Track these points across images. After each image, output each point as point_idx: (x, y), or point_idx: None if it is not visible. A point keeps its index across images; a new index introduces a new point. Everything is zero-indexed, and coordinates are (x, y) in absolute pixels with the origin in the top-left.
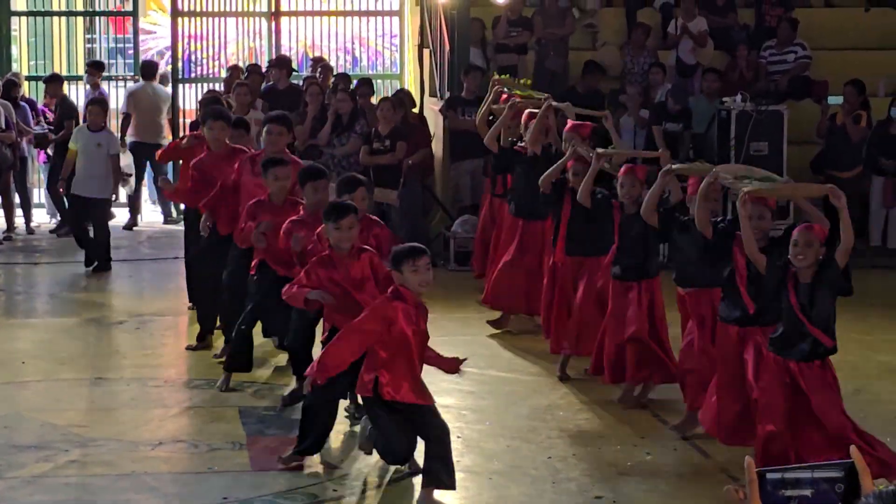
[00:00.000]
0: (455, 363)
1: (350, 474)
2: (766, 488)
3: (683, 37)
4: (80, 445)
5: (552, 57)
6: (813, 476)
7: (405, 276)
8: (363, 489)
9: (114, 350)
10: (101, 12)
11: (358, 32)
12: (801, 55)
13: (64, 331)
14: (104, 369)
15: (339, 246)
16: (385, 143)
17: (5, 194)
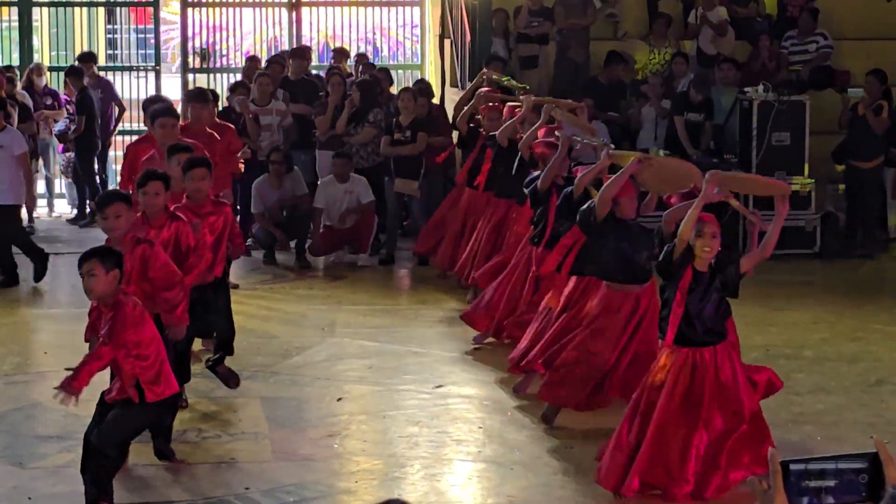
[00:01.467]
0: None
1: (366, 468)
2: (789, 479)
3: (704, 27)
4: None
5: (574, 47)
6: (837, 467)
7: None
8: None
9: None
10: (122, 2)
11: (379, 22)
12: (822, 45)
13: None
14: None
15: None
16: (406, 133)
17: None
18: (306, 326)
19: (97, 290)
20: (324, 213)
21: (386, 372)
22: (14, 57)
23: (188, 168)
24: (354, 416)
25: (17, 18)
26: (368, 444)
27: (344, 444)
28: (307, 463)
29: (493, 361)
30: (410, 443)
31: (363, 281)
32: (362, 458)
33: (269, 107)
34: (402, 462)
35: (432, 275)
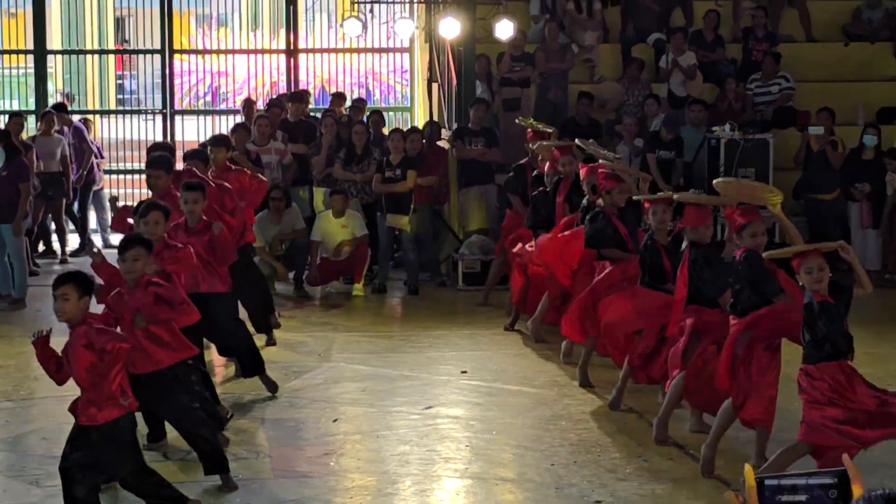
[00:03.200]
0: None
1: (361, 485)
2: (764, 494)
3: (674, 70)
4: None
5: (553, 90)
6: (808, 483)
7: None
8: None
9: None
10: (132, 50)
11: (371, 68)
12: (784, 87)
13: None
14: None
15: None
16: (396, 171)
17: (58, 221)
18: (304, 352)
19: (68, 313)
20: (320, 246)
21: (379, 394)
22: (30, 102)
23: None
24: (350, 435)
25: (32, 65)
26: (363, 462)
27: (340, 462)
28: (305, 480)
29: (481, 383)
30: (402, 461)
31: (357, 309)
32: (357, 476)
33: (268, 146)
34: (395, 479)
35: (422, 304)
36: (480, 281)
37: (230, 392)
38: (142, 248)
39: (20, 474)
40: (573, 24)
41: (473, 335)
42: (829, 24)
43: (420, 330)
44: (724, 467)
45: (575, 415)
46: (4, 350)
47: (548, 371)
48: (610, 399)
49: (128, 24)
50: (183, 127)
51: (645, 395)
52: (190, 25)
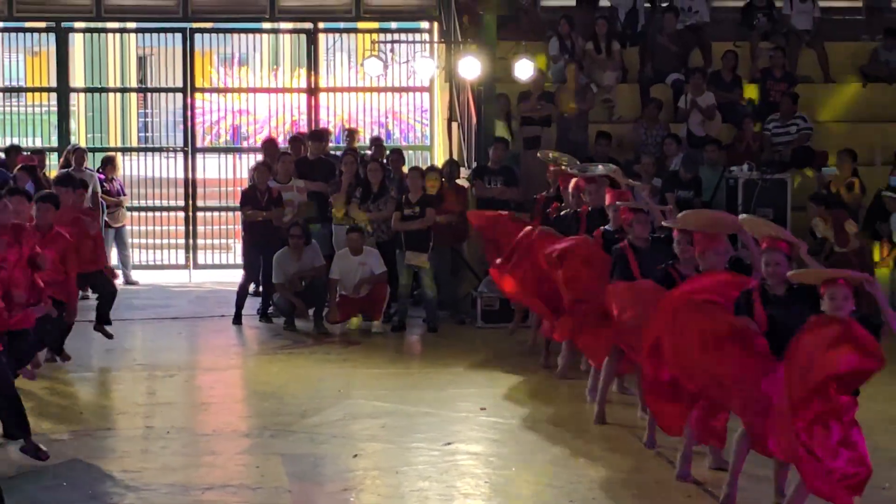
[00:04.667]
0: None
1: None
2: None
3: (693, 110)
4: (133, 491)
5: (574, 129)
6: None
7: None
8: None
9: (165, 401)
10: (154, 88)
11: (391, 106)
12: (802, 127)
13: (118, 383)
14: (155, 419)
15: None
16: (415, 209)
17: None
18: (324, 388)
19: None
20: (339, 284)
21: (398, 430)
22: (53, 140)
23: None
24: (369, 471)
25: (55, 103)
26: (382, 497)
27: (359, 497)
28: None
29: (500, 420)
30: (421, 497)
31: (376, 346)
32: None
33: (290, 184)
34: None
35: (441, 342)
36: (500, 318)
37: (248, 427)
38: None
39: None
40: (592, 65)
41: (493, 373)
42: (847, 65)
43: (439, 367)
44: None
45: (593, 452)
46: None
47: (567, 408)
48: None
49: (150, 62)
50: (204, 165)
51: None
52: (211, 64)
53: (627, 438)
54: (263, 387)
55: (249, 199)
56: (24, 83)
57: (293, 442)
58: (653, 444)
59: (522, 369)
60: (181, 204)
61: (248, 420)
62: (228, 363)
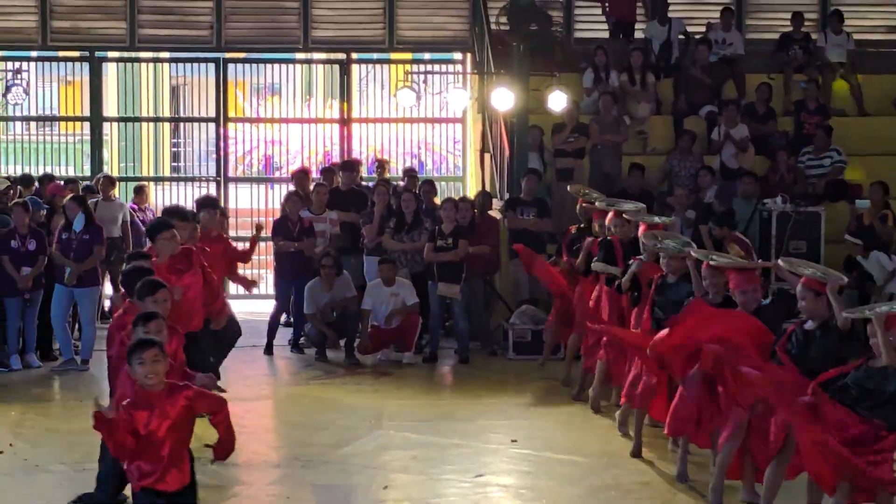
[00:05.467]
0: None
1: None
2: None
3: (727, 143)
4: None
5: (608, 161)
6: None
7: (134, 370)
8: None
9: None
10: (186, 118)
11: (424, 137)
12: (836, 160)
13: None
14: None
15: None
16: (448, 240)
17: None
18: (355, 419)
19: (160, 374)
20: (371, 314)
21: (429, 462)
22: (86, 168)
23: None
24: (400, 502)
25: (88, 132)
26: None
27: None
28: None
29: (531, 452)
30: None
31: (408, 377)
32: None
33: (323, 215)
34: None
35: (472, 373)
36: (531, 350)
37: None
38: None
39: None
40: (626, 97)
41: (524, 404)
42: (881, 98)
43: (471, 398)
44: None
45: (625, 485)
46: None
47: (598, 440)
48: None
49: (183, 92)
50: (237, 195)
51: (696, 466)
52: (244, 94)
53: (660, 471)
54: (294, 417)
55: (281, 229)
56: (57, 112)
57: (324, 472)
58: (685, 477)
59: (554, 401)
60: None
61: (278, 450)
62: (259, 393)
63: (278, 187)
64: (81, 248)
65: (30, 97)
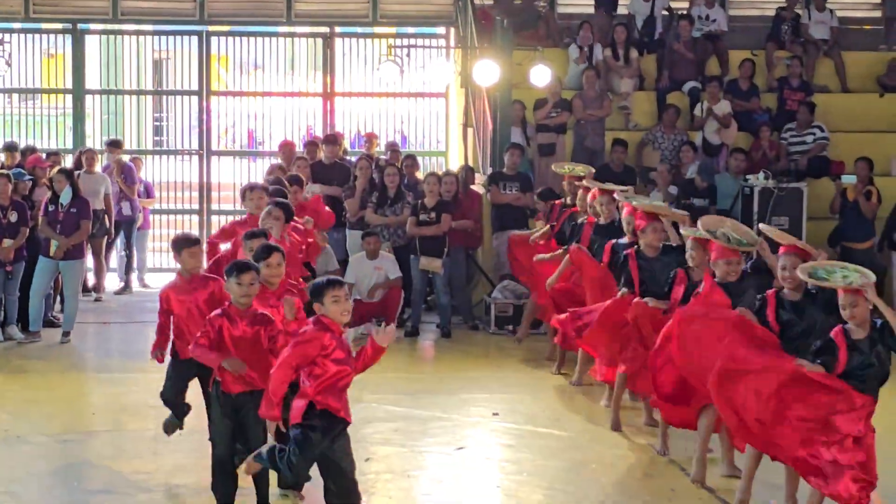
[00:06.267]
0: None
1: None
2: None
3: (709, 119)
4: (145, 491)
5: (591, 136)
6: None
7: (327, 307)
8: None
9: None
10: (169, 91)
11: (406, 112)
12: (819, 137)
13: (131, 384)
14: None
15: (238, 301)
16: (430, 214)
17: (98, 258)
18: None
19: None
20: (354, 288)
21: (411, 435)
22: (68, 141)
23: (185, 246)
24: (381, 475)
25: (70, 105)
26: (394, 501)
27: (371, 501)
28: None
29: (513, 425)
30: (433, 501)
31: (390, 351)
32: None
33: (305, 189)
34: None
35: (454, 347)
36: (513, 324)
37: None
38: (257, 273)
39: None
40: (609, 72)
41: (506, 378)
42: (864, 75)
43: (452, 372)
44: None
45: (606, 458)
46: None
47: (580, 415)
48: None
49: (165, 65)
50: (219, 168)
51: (675, 440)
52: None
53: (640, 445)
54: None
55: None
56: (39, 85)
57: None
58: (665, 451)
59: (536, 376)
60: (196, 207)
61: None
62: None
63: (261, 161)
64: (68, 221)
65: (12, 69)
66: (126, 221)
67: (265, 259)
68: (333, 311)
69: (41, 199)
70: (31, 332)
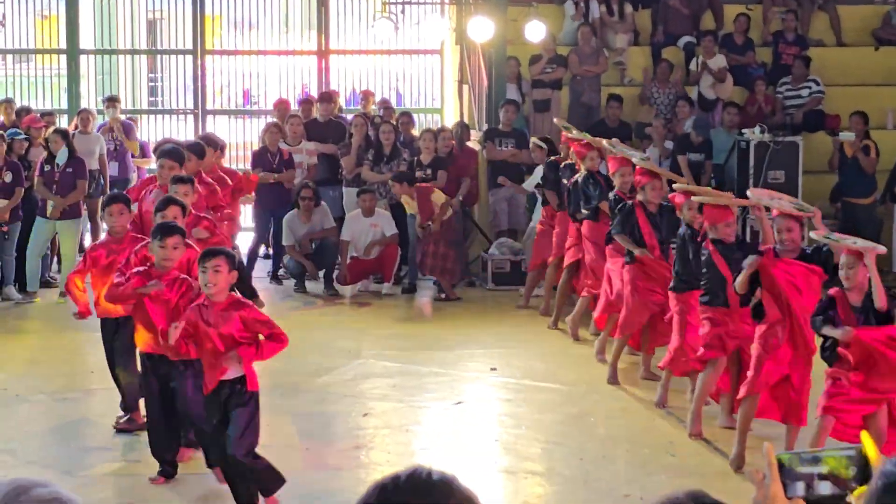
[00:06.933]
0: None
1: None
2: (784, 467)
3: (704, 73)
4: (144, 446)
5: (587, 92)
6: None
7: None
8: None
9: None
10: (163, 51)
11: (402, 69)
12: (814, 90)
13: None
14: None
15: (161, 265)
16: (427, 171)
17: (94, 219)
18: (334, 349)
19: (219, 285)
20: (350, 245)
21: (408, 390)
22: (62, 102)
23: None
24: (379, 430)
25: (65, 66)
26: (392, 455)
27: (370, 455)
28: (336, 472)
29: (510, 380)
30: (431, 455)
31: (387, 308)
32: (387, 469)
33: (300, 146)
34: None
35: (451, 304)
36: (509, 281)
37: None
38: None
39: (53, 465)
40: (604, 28)
41: (503, 333)
42: (860, 29)
43: (449, 328)
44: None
45: (604, 411)
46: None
47: (577, 369)
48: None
49: (160, 25)
50: (215, 127)
51: (673, 393)
52: (221, 27)
53: (638, 398)
54: None
55: (260, 160)
56: (33, 45)
57: (304, 401)
58: (663, 403)
59: (533, 331)
60: None
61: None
62: None
63: (257, 120)
64: (65, 181)
65: (6, 30)
66: (120, 181)
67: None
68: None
69: (37, 160)
70: (28, 293)
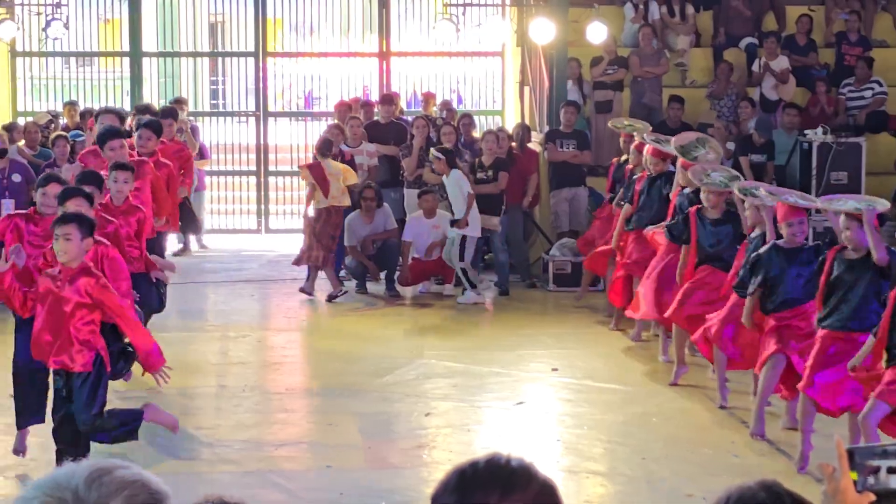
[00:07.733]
0: None
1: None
2: (854, 459)
3: (766, 74)
4: (208, 446)
5: (648, 93)
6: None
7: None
8: None
9: (238, 361)
10: (225, 53)
11: (463, 71)
12: (878, 91)
13: (192, 343)
14: (228, 378)
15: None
16: (488, 172)
17: None
18: (396, 349)
19: (70, 253)
20: (412, 246)
21: (470, 390)
22: (126, 105)
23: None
24: (441, 429)
25: (128, 68)
26: (454, 454)
27: (431, 454)
28: (398, 471)
29: (571, 380)
30: None
31: (448, 308)
32: (449, 467)
33: (360, 148)
34: None
35: (512, 305)
36: (571, 282)
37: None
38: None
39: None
40: (665, 29)
41: (564, 335)
42: None
43: (510, 329)
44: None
45: (666, 411)
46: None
47: (638, 369)
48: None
49: (221, 27)
50: (276, 130)
51: (735, 394)
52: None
53: (700, 399)
54: (335, 347)
55: None
56: (96, 49)
57: (366, 400)
58: (725, 404)
59: (594, 332)
60: (253, 169)
61: (320, 379)
62: (300, 325)
63: (318, 122)
64: None
65: (69, 33)
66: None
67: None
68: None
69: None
70: None
